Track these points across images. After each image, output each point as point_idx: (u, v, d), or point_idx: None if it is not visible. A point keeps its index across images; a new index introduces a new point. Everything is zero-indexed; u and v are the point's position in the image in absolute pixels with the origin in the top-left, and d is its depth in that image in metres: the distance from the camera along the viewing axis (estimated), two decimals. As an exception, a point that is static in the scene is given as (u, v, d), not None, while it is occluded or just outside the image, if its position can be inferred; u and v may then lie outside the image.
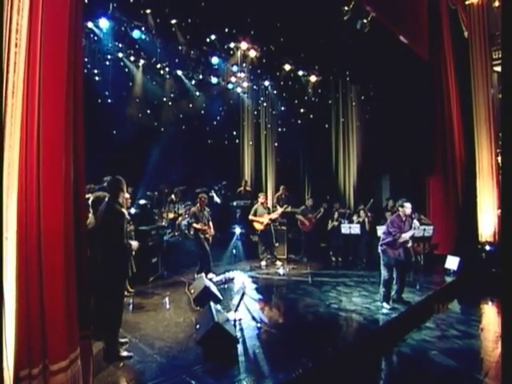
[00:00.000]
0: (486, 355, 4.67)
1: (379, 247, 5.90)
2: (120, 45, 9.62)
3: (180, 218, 10.07)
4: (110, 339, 3.97)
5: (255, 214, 8.92)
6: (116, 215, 3.96)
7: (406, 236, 5.74)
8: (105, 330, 4.03)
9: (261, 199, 9.13)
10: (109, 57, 10.02)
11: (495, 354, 4.60)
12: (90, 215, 4.53)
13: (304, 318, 5.48)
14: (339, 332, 5.04)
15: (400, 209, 5.86)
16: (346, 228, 9.37)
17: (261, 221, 8.84)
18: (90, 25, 8.41)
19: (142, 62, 10.69)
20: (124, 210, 4.11)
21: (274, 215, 9.06)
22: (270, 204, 9.29)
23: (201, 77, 11.88)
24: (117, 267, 3.98)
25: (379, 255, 5.95)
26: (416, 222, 5.87)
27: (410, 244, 6.26)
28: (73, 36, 2.81)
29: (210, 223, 7.54)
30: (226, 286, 7.02)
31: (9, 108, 2.35)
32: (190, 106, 12.86)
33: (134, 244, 4.36)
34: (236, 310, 5.15)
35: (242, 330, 4.83)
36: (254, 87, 13.38)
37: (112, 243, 3.93)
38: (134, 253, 4.38)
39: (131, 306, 5.74)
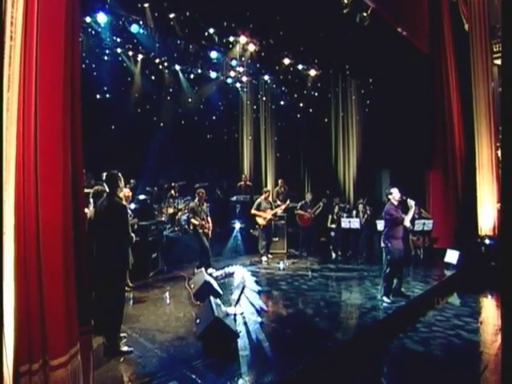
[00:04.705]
0: (485, 348, 4.68)
1: (383, 242, 5.87)
2: (118, 39, 9.55)
3: (180, 213, 10.07)
4: (111, 334, 3.98)
5: (258, 209, 8.87)
6: (119, 209, 4.02)
7: (408, 218, 5.80)
8: (106, 325, 4.04)
9: (265, 194, 9.11)
10: (107, 51, 9.97)
11: (494, 347, 4.61)
12: (91, 208, 4.60)
13: (304, 312, 5.49)
14: (339, 326, 5.04)
15: (390, 196, 5.92)
16: (345, 222, 9.37)
17: (263, 216, 8.81)
18: (87, 19, 8.35)
19: (140, 56, 10.62)
20: (125, 203, 4.15)
21: (277, 210, 9.04)
22: (270, 198, 9.25)
23: (200, 71, 11.83)
24: (122, 260, 4.03)
25: (381, 250, 5.95)
26: (410, 201, 5.89)
27: (410, 226, 6.32)
28: (70, 29, 2.78)
29: (209, 218, 7.54)
30: (225, 280, 7.02)
31: (4, 102, 2.32)
32: (189, 100, 12.82)
33: (133, 236, 4.40)
34: (236, 305, 5.16)
35: (242, 324, 4.84)
36: (253, 81, 13.32)
37: (118, 236, 3.97)
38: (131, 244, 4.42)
39: (131, 301, 5.75)
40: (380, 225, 7.57)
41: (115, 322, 4.02)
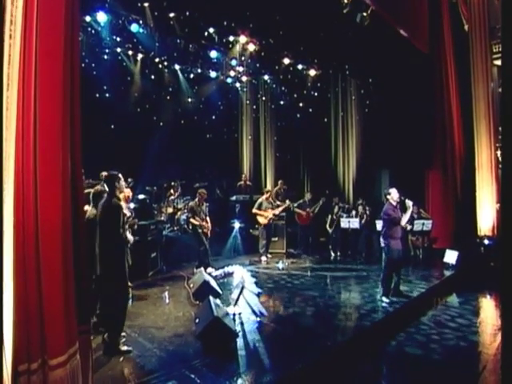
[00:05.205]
0: (484, 348, 4.68)
1: (382, 242, 5.89)
2: (118, 39, 9.54)
3: (179, 213, 10.06)
4: (112, 333, 3.98)
5: (259, 208, 8.89)
6: (113, 208, 4.02)
7: (406, 217, 5.84)
8: (109, 324, 4.04)
9: (266, 194, 9.17)
10: (107, 51, 9.96)
11: (493, 348, 4.61)
12: (91, 207, 4.59)
13: (303, 312, 5.48)
14: (338, 326, 5.04)
15: (388, 197, 5.96)
16: (345, 222, 9.38)
17: (265, 215, 8.83)
18: (87, 18, 8.34)
19: (140, 56, 10.61)
20: (122, 204, 4.15)
21: (278, 210, 9.07)
22: (271, 198, 9.30)
23: (199, 71, 11.82)
24: (113, 258, 4.00)
25: (380, 250, 5.96)
26: (408, 201, 5.92)
27: (409, 227, 6.34)
28: (69, 28, 2.77)
29: (208, 218, 7.55)
30: (225, 280, 7.02)
31: (4, 101, 2.32)
32: (189, 100, 12.81)
33: (130, 238, 4.39)
34: (235, 304, 5.16)
35: (241, 324, 4.84)
36: (253, 81, 13.31)
37: (109, 235, 3.98)
38: (129, 245, 4.40)
39: (131, 300, 5.72)
40: (379, 225, 7.58)
41: (117, 321, 4.02)
